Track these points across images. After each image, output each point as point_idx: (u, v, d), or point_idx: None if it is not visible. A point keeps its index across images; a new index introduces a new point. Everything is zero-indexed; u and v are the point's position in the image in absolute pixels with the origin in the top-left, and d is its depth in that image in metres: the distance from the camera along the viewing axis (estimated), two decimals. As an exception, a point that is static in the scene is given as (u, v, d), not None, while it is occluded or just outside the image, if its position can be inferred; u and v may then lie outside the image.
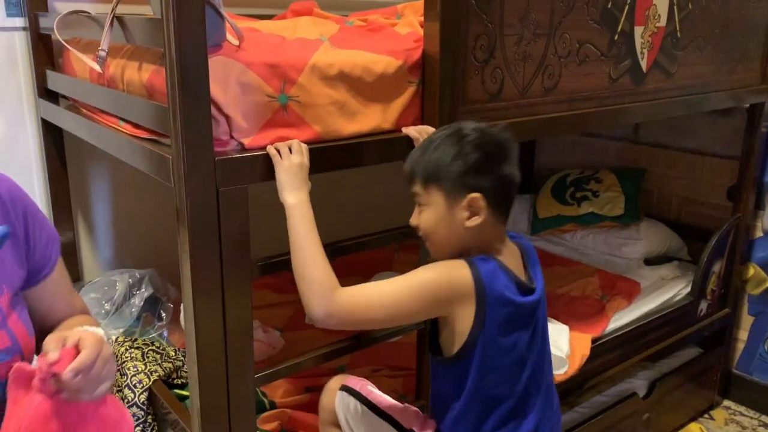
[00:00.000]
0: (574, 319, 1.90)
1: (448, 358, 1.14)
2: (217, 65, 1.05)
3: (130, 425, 0.93)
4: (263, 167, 1.12)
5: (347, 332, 1.35)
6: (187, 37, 0.97)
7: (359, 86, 1.22)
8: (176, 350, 1.60)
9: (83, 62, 1.33)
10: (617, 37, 1.60)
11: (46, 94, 1.68)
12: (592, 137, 2.73)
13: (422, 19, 1.29)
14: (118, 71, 1.29)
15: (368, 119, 1.24)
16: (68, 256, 1.83)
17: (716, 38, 1.88)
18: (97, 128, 1.39)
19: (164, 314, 1.70)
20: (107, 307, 1.64)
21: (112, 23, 1.19)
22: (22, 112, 1.72)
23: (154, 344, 1.58)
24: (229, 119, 1.09)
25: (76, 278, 1.85)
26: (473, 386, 1.12)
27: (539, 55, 1.44)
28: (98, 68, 1.24)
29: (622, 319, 2.00)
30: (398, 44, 1.29)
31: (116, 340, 1.59)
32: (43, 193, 1.78)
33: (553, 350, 1.66)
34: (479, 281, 1.06)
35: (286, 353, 1.66)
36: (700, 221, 2.45)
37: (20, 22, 1.67)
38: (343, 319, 1.07)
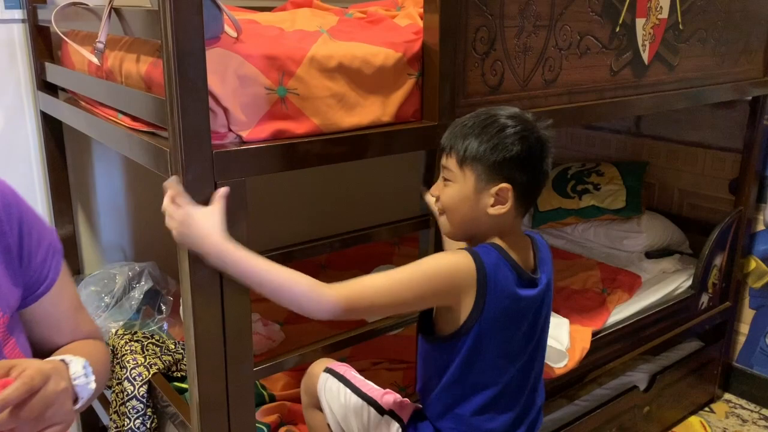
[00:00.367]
0: (574, 312, 1.90)
1: (438, 337, 1.13)
2: (215, 57, 1.04)
3: None
4: (262, 160, 1.11)
5: (347, 325, 1.35)
6: (184, 28, 0.96)
7: (358, 78, 1.21)
8: (176, 343, 1.60)
9: (82, 54, 1.33)
10: (619, 29, 1.59)
11: (44, 86, 1.68)
12: (593, 130, 2.72)
13: (422, 10, 1.28)
14: (116, 63, 1.28)
15: (367, 112, 1.24)
16: (68, 248, 1.83)
17: (718, 30, 1.87)
18: (95, 121, 1.39)
19: (164, 307, 1.70)
20: (107, 300, 1.64)
21: (109, 15, 1.18)
22: (21, 104, 1.72)
23: (153, 337, 1.59)
24: (227, 112, 1.08)
25: (76, 271, 1.86)
26: (458, 370, 1.12)
27: (540, 47, 1.43)
28: (96, 60, 1.23)
29: (622, 312, 2.00)
30: (398, 36, 1.28)
31: (116, 333, 1.59)
32: (42, 185, 1.78)
33: (553, 343, 1.66)
34: (482, 272, 1.07)
35: (285, 346, 1.67)
36: (701, 214, 2.44)
37: (19, 14, 1.66)
38: (354, 307, 1.05)
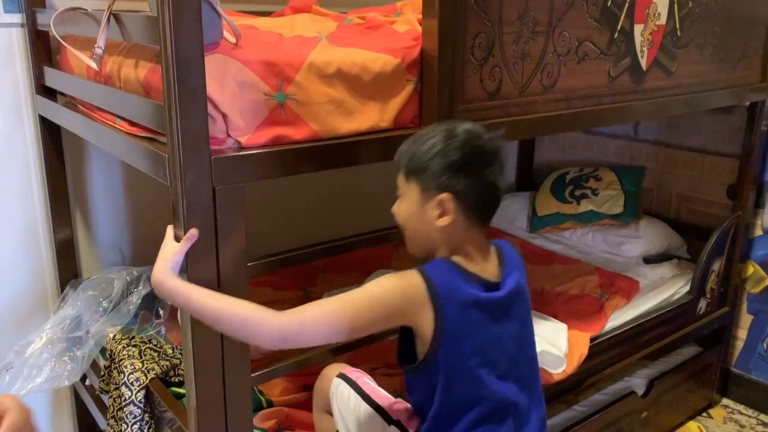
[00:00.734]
0: (572, 317, 1.90)
1: (415, 366, 1.13)
2: (214, 63, 1.04)
3: None
4: (260, 166, 1.11)
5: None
6: (183, 34, 0.97)
7: (357, 84, 1.21)
8: (174, 348, 1.59)
9: (80, 59, 1.33)
10: (617, 35, 1.59)
11: (43, 90, 1.67)
12: (591, 135, 2.73)
13: (421, 16, 1.29)
14: (114, 68, 1.28)
15: (366, 117, 1.24)
16: (66, 252, 1.83)
17: (716, 37, 1.88)
18: (93, 125, 1.39)
19: (162, 312, 1.70)
20: (105, 304, 1.64)
21: (108, 20, 1.18)
22: (19, 108, 1.72)
23: (151, 342, 1.58)
24: (225, 117, 1.08)
25: (73, 275, 1.85)
26: (442, 392, 1.11)
27: (538, 53, 1.44)
28: (95, 66, 1.23)
29: (621, 317, 1.99)
30: (396, 42, 1.28)
31: (113, 337, 1.59)
32: (40, 189, 1.78)
33: (551, 349, 1.66)
34: (431, 286, 1.06)
35: (283, 351, 1.66)
36: (699, 219, 2.44)
37: (18, 18, 1.66)
38: (294, 338, 1.03)
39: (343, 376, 1.33)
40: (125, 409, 1.45)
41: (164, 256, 1.05)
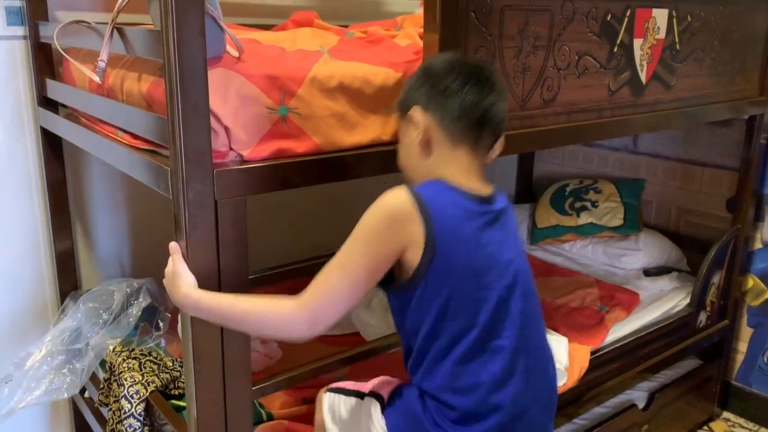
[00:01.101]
0: (573, 330, 1.89)
1: (401, 284, 1.05)
2: (216, 77, 1.05)
3: None
4: (262, 179, 1.11)
5: (346, 342, 1.35)
6: (187, 48, 0.97)
7: (359, 98, 1.22)
8: (174, 360, 1.59)
9: (83, 71, 1.33)
10: (616, 49, 1.60)
11: (45, 102, 1.68)
12: (591, 147, 2.74)
13: (422, 31, 1.29)
14: (117, 81, 1.29)
15: (368, 131, 1.24)
16: (66, 264, 1.83)
17: (715, 50, 1.89)
18: (95, 138, 1.39)
19: (161, 324, 1.69)
20: (105, 316, 1.64)
21: (112, 34, 1.19)
22: (21, 120, 1.72)
23: (151, 354, 1.58)
24: (228, 131, 1.08)
25: (73, 286, 1.85)
26: (431, 315, 1.04)
27: (538, 67, 1.44)
28: (97, 79, 1.24)
29: (621, 330, 1.99)
30: (398, 56, 1.29)
31: (113, 350, 1.59)
32: (41, 201, 1.78)
33: (551, 362, 1.66)
34: (417, 197, 1.01)
35: (283, 364, 1.66)
36: (699, 232, 2.45)
37: (20, 30, 1.67)
38: (319, 318, 1.02)
39: (327, 389, 1.31)
40: (125, 422, 1.45)
41: (179, 273, 1.06)
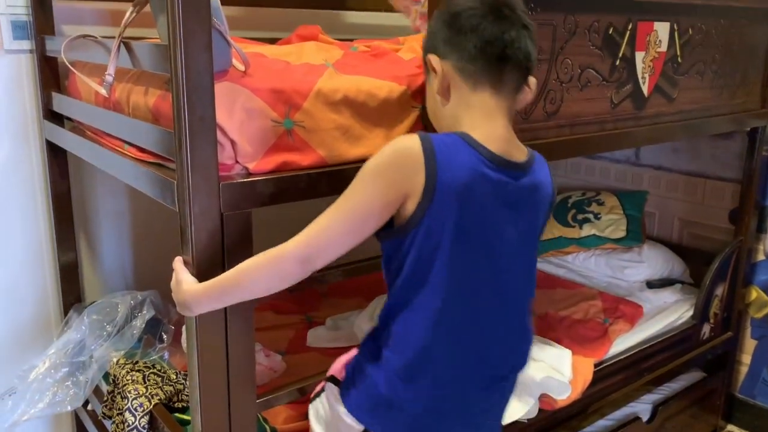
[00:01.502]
0: (576, 342, 1.89)
1: (393, 230, 1.00)
2: (223, 91, 1.06)
3: None
4: (268, 192, 1.12)
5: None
6: (194, 63, 0.98)
7: (363, 111, 1.22)
8: (177, 373, 1.59)
9: (89, 85, 1.34)
10: (619, 62, 1.61)
11: (50, 115, 1.69)
12: (593, 159, 2.74)
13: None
14: (123, 95, 1.29)
15: (372, 144, 1.25)
16: (70, 276, 1.83)
17: (716, 63, 1.90)
18: (101, 151, 1.40)
19: (165, 336, 1.70)
20: (109, 329, 1.64)
21: (119, 48, 1.20)
22: (26, 132, 1.73)
23: (155, 367, 1.58)
24: (234, 144, 1.09)
25: (77, 298, 1.85)
26: (413, 262, 0.99)
27: (541, 80, 1.45)
28: (104, 93, 1.25)
29: (624, 342, 1.99)
30: (401, 70, 1.30)
31: (117, 362, 1.59)
32: (45, 213, 1.79)
33: (555, 375, 1.65)
34: (428, 145, 0.95)
35: (287, 377, 1.65)
36: (702, 244, 2.45)
37: (27, 44, 1.68)
38: (311, 256, 0.98)
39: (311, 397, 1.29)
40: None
41: (182, 279, 1.06)
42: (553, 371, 1.67)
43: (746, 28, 1.96)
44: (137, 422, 1.44)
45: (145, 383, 1.51)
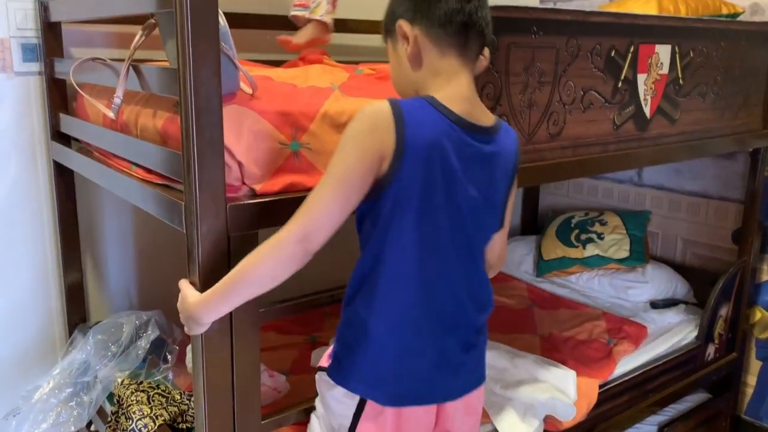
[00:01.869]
0: (580, 363, 1.88)
1: (372, 192, 1.04)
2: (230, 113, 1.07)
3: None
4: (274, 213, 1.13)
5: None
6: (202, 86, 1.00)
7: (369, 133, 1.23)
8: (181, 393, 1.58)
9: (97, 107, 1.36)
10: (621, 84, 1.63)
11: (58, 136, 1.71)
12: (596, 179, 2.75)
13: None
14: (131, 117, 1.31)
15: (377, 165, 1.26)
16: (75, 296, 1.84)
17: (718, 85, 1.92)
18: (108, 172, 1.41)
19: (170, 356, 1.69)
20: (113, 349, 1.64)
21: (128, 71, 1.22)
22: (34, 153, 1.75)
23: (159, 387, 1.57)
24: (241, 166, 1.10)
25: (81, 319, 1.86)
26: (380, 227, 1.05)
27: (544, 102, 1.47)
28: (112, 115, 1.26)
29: (629, 363, 1.98)
30: (407, 92, 1.31)
31: (121, 383, 1.58)
32: (52, 233, 1.80)
33: (560, 396, 1.65)
34: (396, 108, 1.00)
35: (291, 398, 1.65)
36: (705, 264, 2.45)
37: (35, 66, 1.71)
38: (309, 233, 1.01)
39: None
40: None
41: (186, 295, 1.08)
42: (557, 392, 1.66)
43: (747, 50, 1.98)
44: (141, 443, 1.43)
45: (149, 404, 1.51)
